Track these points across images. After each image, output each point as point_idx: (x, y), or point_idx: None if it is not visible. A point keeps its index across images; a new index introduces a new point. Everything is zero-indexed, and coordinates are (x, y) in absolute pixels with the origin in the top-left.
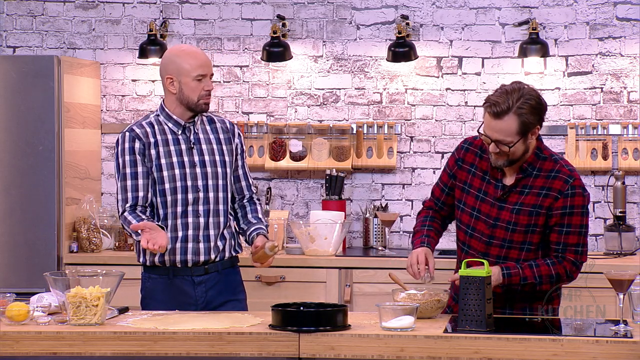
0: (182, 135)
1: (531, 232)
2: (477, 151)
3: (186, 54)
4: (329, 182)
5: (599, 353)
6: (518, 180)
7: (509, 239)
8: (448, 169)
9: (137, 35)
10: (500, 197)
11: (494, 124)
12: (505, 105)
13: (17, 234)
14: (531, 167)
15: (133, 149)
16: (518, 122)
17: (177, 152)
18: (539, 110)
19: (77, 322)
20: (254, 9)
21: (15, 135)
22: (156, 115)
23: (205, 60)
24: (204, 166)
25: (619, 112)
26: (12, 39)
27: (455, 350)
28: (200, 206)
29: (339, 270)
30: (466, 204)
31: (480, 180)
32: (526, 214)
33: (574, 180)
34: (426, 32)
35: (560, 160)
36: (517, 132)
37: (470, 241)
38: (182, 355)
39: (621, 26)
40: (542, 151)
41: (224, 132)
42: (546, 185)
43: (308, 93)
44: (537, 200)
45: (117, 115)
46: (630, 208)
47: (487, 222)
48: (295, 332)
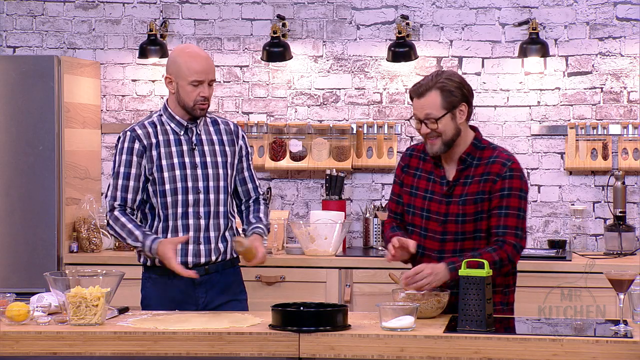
0: (184, 135)
1: (480, 219)
2: (420, 155)
3: (188, 56)
4: (329, 182)
5: (599, 353)
6: (460, 172)
7: (461, 231)
8: (397, 179)
9: (137, 35)
10: (446, 192)
11: (419, 102)
12: (426, 84)
13: (17, 234)
14: (470, 157)
15: (131, 149)
16: (441, 95)
17: (178, 153)
18: (461, 86)
19: (77, 322)
20: (254, 9)
21: (15, 135)
22: (159, 115)
23: (205, 66)
24: (205, 167)
25: (619, 112)
26: (12, 39)
27: (455, 350)
28: (201, 208)
29: (339, 270)
30: (415, 206)
31: (426, 181)
32: (472, 203)
33: (511, 164)
34: (426, 32)
35: (498, 147)
36: (442, 106)
37: (425, 242)
38: (182, 355)
39: (621, 26)
40: (481, 141)
41: (227, 134)
42: (486, 170)
43: (308, 93)
44: (479, 187)
45: (117, 115)
46: (630, 208)
47: (438, 219)
48: (295, 332)
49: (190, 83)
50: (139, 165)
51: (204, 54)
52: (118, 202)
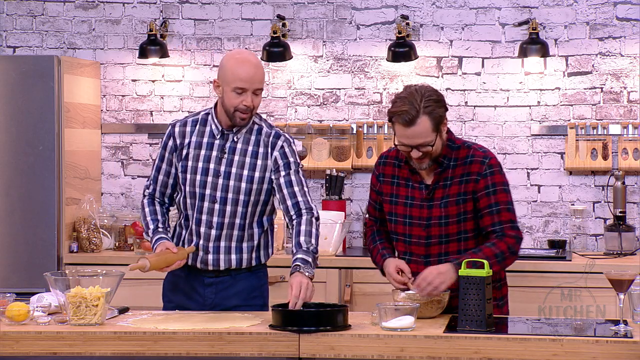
0: (220, 140)
1: (463, 220)
2: (394, 162)
3: (235, 62)
4: (329, 182)
5: (599, 353)
6: (438, 175)
7: (444, 234)
8: (373, 187)
9: (137, 35)
10: (426, 196)
11: (410, 131)
12: (413, 111)
13: (17, 234)
14: (447, 159)
15: (166, 145)
16: (430, 120)
17: (205, 158)
18: (441, 101)
19: (77, 322)
20: (254, 9)
21: (15, 135)
22: (206, 113)
23: (251, 74)
24: (228, 178)
25: (619, 112)
26: (12, 39)
27: (455, 350)
28: (214, 217)
29: (339, 270)
30: (397, 214)
31: (405, 187)
32: (454, 204)
33: (489, 160)
34: (426, 32)
35: (473, 145)
36: (432, 130)
37: (410, 248)
38: (182, 355)
39: (621, 26)
40: (455, 141)
41: (264, 146)
42: (465, 171)
43: (308, 93)
44: (460, 188)
45: (117, 115)
46: (630, 208)
47: (420, 224)
48: (295, 332)
49: (233, 90)
50: (170, 162)
51: (254, 60)
52: (149, 190)
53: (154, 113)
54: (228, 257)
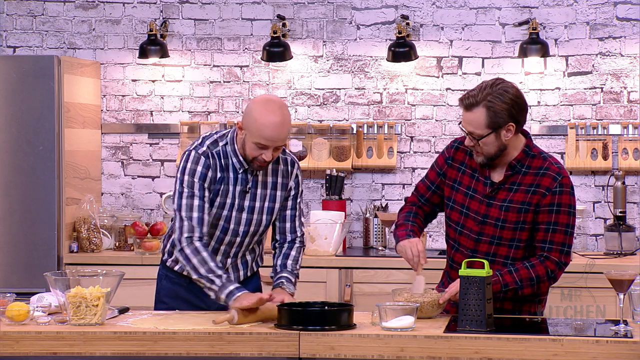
0: (243, 174)
1: (520, 229)
2: (467, 150)
3: (262, 115)
4: (329, 182)
5: (599, 353)
6: (507, 177)
7: (497, 236)
8: (437, 168)
9: (137, 35)
10: (488, 194)
11: (466, 115)
12: (475, 98)
13: (17, 234)
14: (520, 164)
15: (205, 176)
16: (486, 115)
17: (231, 194)
18: (511, 106)
19: (77, 322)
20: (254, 9)
21: (15, 135)
22: (225, 144)
23: (276, 134)
24: (252, 212)
25: (619, 112)
26: (12, 39)
27: (455, 350)
28: (233, 248)
29: (339, 270)
30: (455, 201)
31: (470, 177)
32: (515, 211)
33: (562, 178)
34: (426, 32)
35: (549, 157)
36: (486, 125)
37: (459, 238)
38: (182, 355)
39: (621, 26)
40: (532, 149)
41: (283, 177)
42: (535, 182)
43: (308, 93)
44: (525, 198)
45: (117, 115)
46: (630, 208)
47: (475, 219)
48: (296, 332)
49: (255, 143)
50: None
51: (279, 117)
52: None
53: (154, 113)
54: (237, 274)
